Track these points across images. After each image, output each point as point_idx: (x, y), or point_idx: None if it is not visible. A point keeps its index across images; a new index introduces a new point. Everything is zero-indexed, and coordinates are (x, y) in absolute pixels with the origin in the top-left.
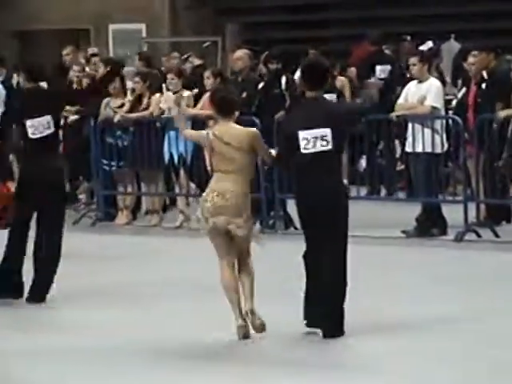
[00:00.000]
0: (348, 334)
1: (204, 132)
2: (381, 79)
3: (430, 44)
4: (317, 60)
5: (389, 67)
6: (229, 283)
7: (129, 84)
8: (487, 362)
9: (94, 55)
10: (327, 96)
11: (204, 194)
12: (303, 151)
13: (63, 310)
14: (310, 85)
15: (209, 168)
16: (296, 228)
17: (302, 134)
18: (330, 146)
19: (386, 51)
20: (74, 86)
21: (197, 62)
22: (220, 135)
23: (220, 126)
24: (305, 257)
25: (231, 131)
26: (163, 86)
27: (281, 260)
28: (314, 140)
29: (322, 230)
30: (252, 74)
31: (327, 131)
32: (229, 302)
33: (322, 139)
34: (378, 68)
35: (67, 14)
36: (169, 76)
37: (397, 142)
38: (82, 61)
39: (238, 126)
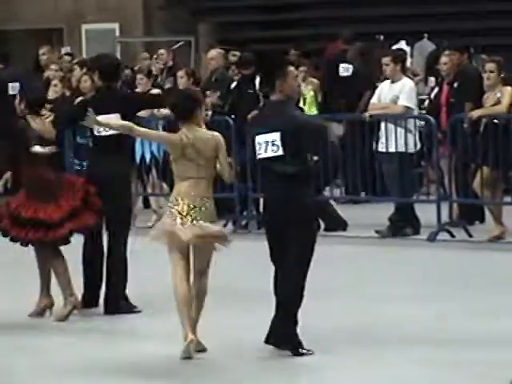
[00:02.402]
0: (317, 335)
1: (176, 135)
2: (343, 77)
3: (403, 44)
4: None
5: (351, 66)
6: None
7: None
8: (455, 363)
9: (67, 54)
10: None
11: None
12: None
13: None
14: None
15: None
16: None
17: (258, 139)
18: (280, 152)
19: None
20: (54, 82)
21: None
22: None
23: (187, 130)
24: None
25: (200, 136)
26: None
27: (253, 260)
28: (265, 145)
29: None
30: (226, 73)
31: (277, 136)
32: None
33: (273, 144)
34: (341, 66)
35: (41, 13)
36: (138, 76)
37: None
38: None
39: (204, 130)
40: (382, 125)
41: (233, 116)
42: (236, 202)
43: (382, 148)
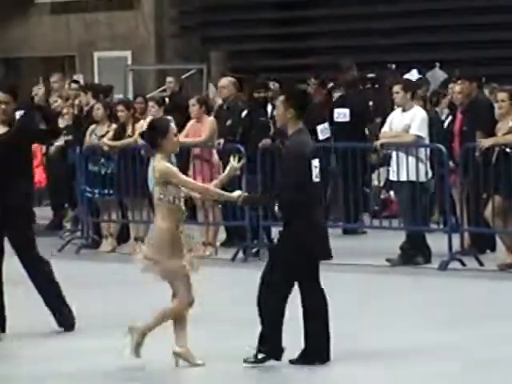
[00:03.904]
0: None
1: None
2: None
3: (414, 72)
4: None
5: None
6: None
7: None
8: None
9: (74, 81)
10: None
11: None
12: (315, 180)
13: (40, 337)
14: (302, 113)
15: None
16: None
17: (314, 163)
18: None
19: None
20: (64, 111)
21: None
22: None
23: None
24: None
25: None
26: None
27: None
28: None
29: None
30: (237, 101)
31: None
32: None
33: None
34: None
35: (53, 40)
36: (150, 104)
37: (381, 169)
38: (67, 86)
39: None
40: (394, 153)
41: (244, 144)
42: (247, 230)
43: (393, 177)
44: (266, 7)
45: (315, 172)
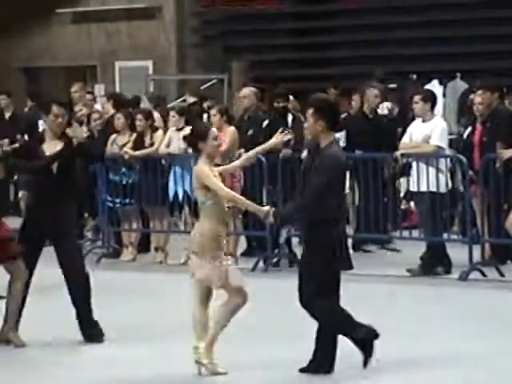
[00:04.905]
0: (344, 370)
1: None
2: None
3: (435, 83)
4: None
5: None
6: None
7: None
8: None
9: (88, 92)
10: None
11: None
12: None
13: (60, 346)
14: (333, 125)
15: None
16: None
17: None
18: None
19: None
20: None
21: (191, 99)
22: None
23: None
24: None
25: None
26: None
27: (284, 298)
28: None
29: None
30: (258, 111)
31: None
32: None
33: None
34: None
35: (75, 50)
36: (171, 113)
37: (402, 180)
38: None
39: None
40: (414, 164)
41: (265, 154)
42: (267, 240)
43: (413, 187)
44: (287, 17)
45: (346, 184)
